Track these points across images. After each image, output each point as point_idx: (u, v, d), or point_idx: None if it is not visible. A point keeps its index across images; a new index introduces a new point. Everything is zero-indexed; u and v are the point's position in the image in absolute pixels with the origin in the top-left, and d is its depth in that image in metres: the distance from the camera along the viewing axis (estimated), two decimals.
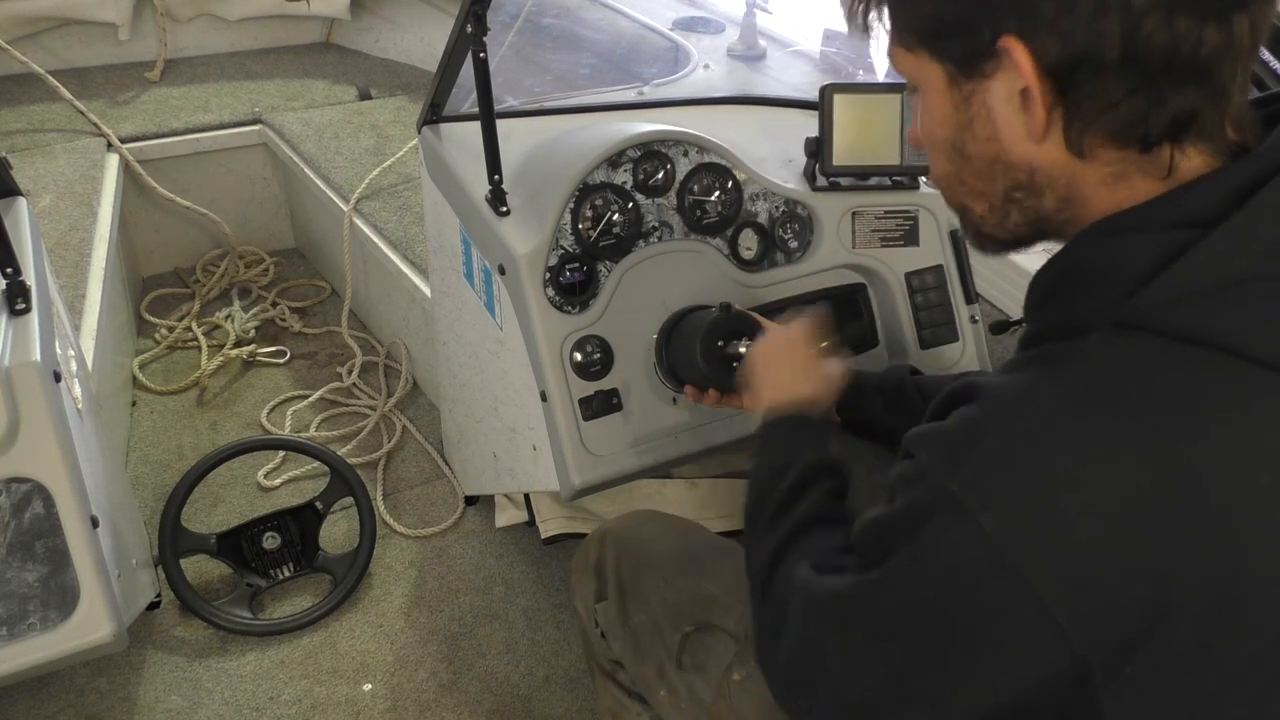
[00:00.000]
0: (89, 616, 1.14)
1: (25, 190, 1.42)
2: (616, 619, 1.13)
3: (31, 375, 1.08)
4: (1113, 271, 0.65)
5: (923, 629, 0.67)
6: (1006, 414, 0.64)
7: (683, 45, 2.35)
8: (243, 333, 2.48)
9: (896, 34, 0.72)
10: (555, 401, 1.24)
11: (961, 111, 0.70)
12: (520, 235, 1.28)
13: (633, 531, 1.19)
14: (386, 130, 2.63)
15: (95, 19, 2.85)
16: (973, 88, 0.68)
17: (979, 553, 0.61)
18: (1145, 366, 0.60)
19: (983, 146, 0.70)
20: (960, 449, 0.64)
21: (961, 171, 0.73)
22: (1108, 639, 0.59)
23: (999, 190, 0.72)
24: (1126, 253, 0.64)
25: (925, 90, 0.72)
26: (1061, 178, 0.68)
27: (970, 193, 0.74)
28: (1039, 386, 0.63)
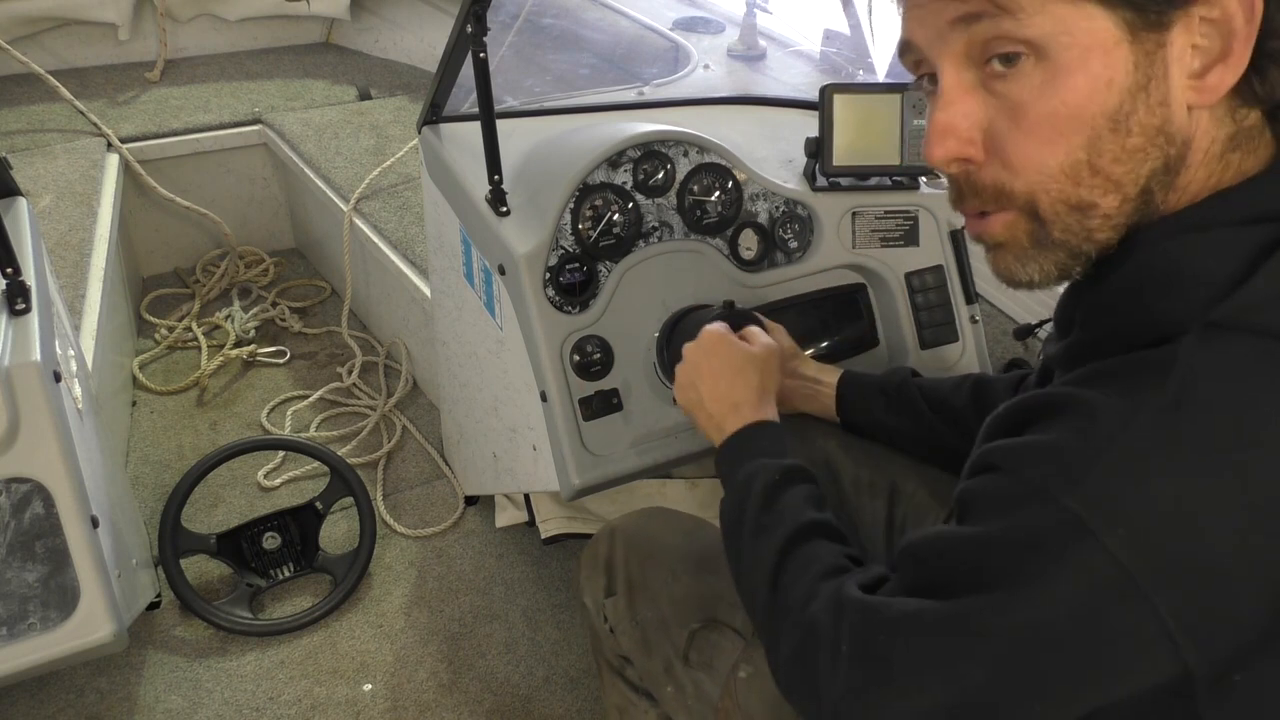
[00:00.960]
0: (89, 616, 1.14)
1: (25, 190, 1.42)
2: (625, 614, 1.13)
3: (31, 375, 1.08)
4: (1198, 272, 0.59)
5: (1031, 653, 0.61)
6: (1118, 428, 0.58)
7: (683, 45, 2.35)
8: (243, 333, 2.48)
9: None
10: (555, 401, 1.24)
11: (1141, 71, 0.59)
12: (520, 235, 1.28)
13: (641, 528, 1.19)
14: (386, 130, 2.63)
15: (95, 19, 2.85)
16: (1156, 41, 0.58)
17: (1104, 573, 0.57)
18: (1253, 369, 0.56)
19: (1153, 114, 0.60)
20: (1076, 466, 0.59)
21: (1103, 156, 0.61)
22: (1220, 651, 0.57)
23: (1144, 174, 0.62)
24: (1211, 251, 0.59)
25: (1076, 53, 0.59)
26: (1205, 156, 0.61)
27: (1102, 184, 0.62)
28: (1144, 397, 0.58)
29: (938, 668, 0.64)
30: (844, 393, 1.22)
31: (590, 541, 1.23)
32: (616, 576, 1.16)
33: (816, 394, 1.23)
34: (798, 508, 0.88)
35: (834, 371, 1.24)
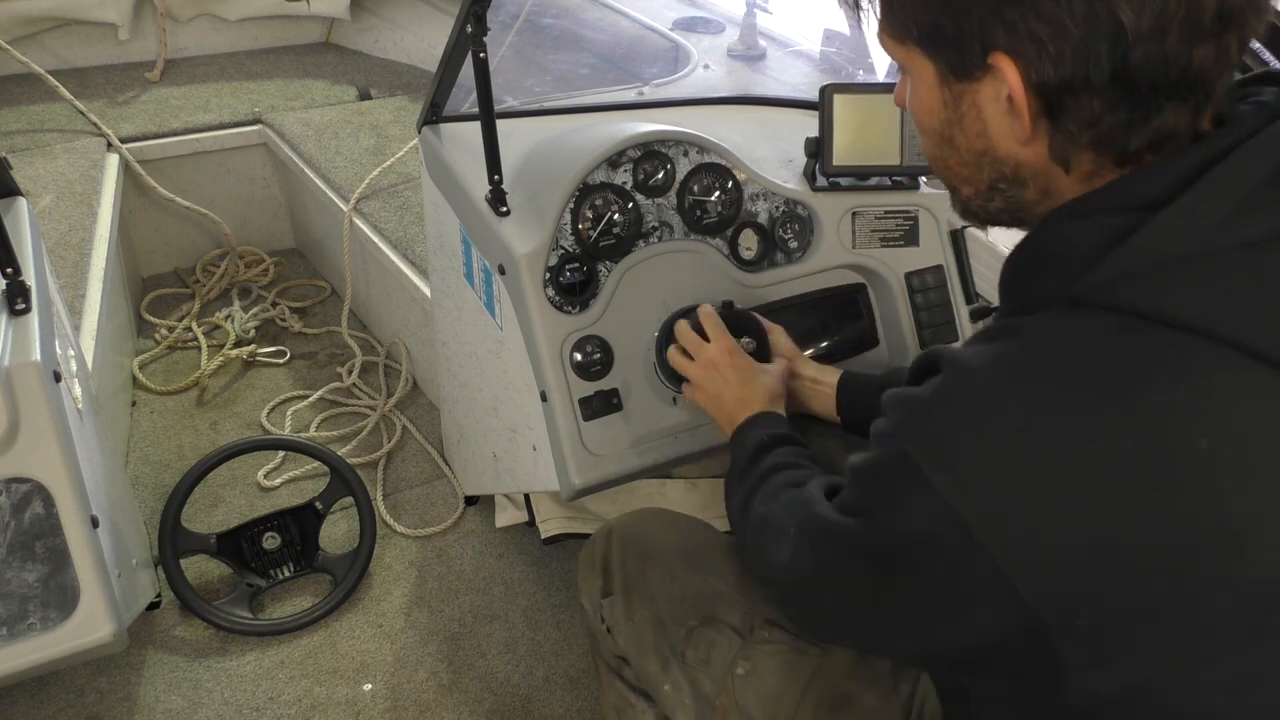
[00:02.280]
0: (89, 616, 1.14)
1: (25, 190, 1.42)
2: (622, 614, 1.14)
3: (31, 375, 1.08)
4: (1068, 252, 0.68)
5: (891, 576, 0.72)
6: (962, 381, 0.67)
7: (683, 45, 2.35)
8: (243, 333, 2.48)
9: (888, 25, 0.73)
10: (555, 401, 1.24)
11: (951, 108, 0.72)
12: (520, 235, 1.28)
13: (638, 528, 1.20)
14: (386, 130, 2.63)
15: (95, 19, 2.85)
16: (963, 89, 0.70)
17: (933, 512, 0.65)
18: (1092, 338, 0.64)
19: (971, 141, 0.73)
20: (919, 413, 0.68)
21: (950, 158, 0.76)
22: (1057, 593, 0.62)
23: (985, 179, 0.75)
24: (1080, 234, 0.68)
25: (915, 80, 0.74)
26: (1043, 175, 0.71)
27: (958, 177, 0.77)
28: (994, 356, 0.67)
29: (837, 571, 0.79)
30: (844, 393, 1.22)
31: (588, 542, 1.23)
32: (614, 576, 1.17)
33: (816, 394, 1.24)
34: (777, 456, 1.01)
35: (834, 372, 1.24)
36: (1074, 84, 0.64)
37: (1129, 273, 0.63)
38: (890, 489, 0.71)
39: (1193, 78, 0.63)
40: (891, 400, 0.72)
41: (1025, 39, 0.63)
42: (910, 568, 0.70)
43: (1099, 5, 0.61)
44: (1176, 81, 0.63)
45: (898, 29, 0.73)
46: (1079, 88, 0.64)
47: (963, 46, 0.67)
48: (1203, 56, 0.62)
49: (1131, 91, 0.63)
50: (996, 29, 0.64)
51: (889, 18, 0.73)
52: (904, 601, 0.73)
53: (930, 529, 0.66)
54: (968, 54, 0.67)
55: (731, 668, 1.03)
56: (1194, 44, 0.62)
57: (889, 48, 0.75)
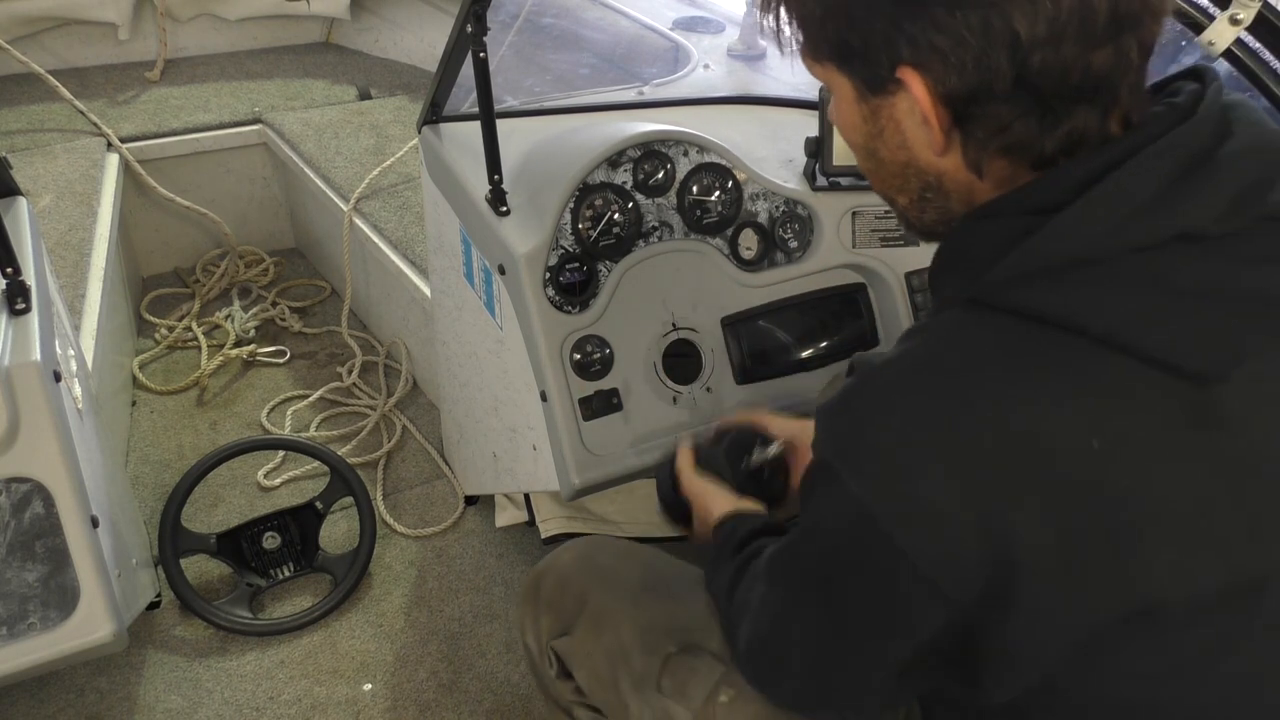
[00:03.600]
0: (89, 616, 1.14)
1: (25, 190, 1.42)
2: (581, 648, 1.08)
3: (31, 375, 1.08)
4: (969, 254, 0.71)
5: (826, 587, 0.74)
6: (864, 384, 0.69)
7: (683, 45, 2.35)
8: (243, 333, 2.48)
9: (804, 46, 0.75)
10: (555, 401, 1.24)
11: (870, 123, 0.74)
12: (520, 235, 1.28)
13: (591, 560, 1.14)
14: (386, 130, 2.63)
15: (95, 19, 2.85)
16: (879, 103, 0.72)
17: (852, 516, 0.67)
18: (985, 338, 0.66)
19: (894, 153, 0.75)
20: (833, 420, 0.70)
21: (878, 170, 0.78)
22: (970, 588, 0.63)
23: (913, 189, 0.76)
24: (980, 237, 0.70)
25: (837, 97, 0.76)
26: (965, 184, 0.73)
27: (890, 188, 0.79)
28: (896, 360, 0.68)
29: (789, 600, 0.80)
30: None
31: (529, 579, 1.17)
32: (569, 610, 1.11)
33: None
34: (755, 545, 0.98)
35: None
36: (978, 93, 0.65)
37: (1022, 274, 0.65)
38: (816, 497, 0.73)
39: (1095, 81, 0.65)
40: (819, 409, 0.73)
41: (928, 51, 0.65)
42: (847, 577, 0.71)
43: (993, 15, 0.62)
44: (1079, 85, 0.64)
45: (812, 47, 0.74)
46: (984, 96, 0.65)
47: (871, 61, 0.69)
48: (1101, 60, 0.64)
49: (1036, 97, 0.65)
50: (900, 43, 0.66)
51: (804, 37, 0.74)
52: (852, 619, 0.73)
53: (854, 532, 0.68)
54: (876, 68, 0.69)
55: (714, 695, 0.99)
56: (1090, 48, 0.63)
57: (810, 68, 0.76)
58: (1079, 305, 0.63)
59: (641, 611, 1.06)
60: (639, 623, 1.06)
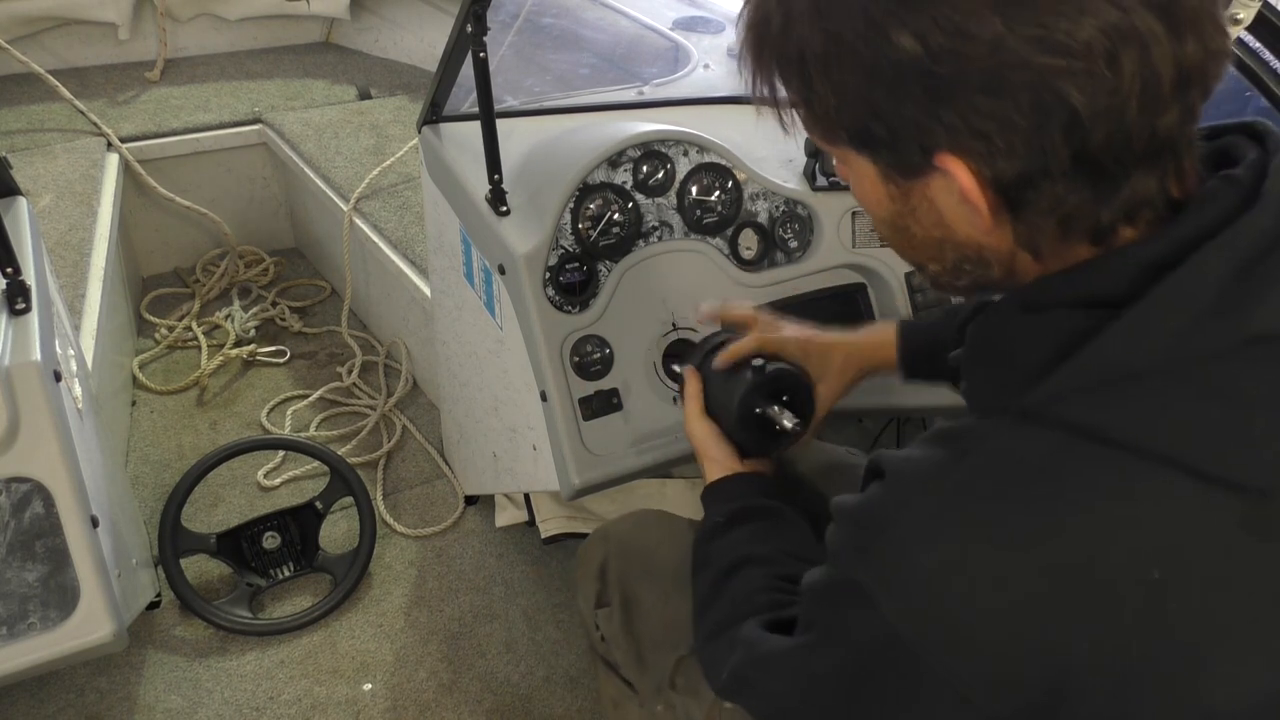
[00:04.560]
0: (89, 616, 1.14)
1: (25, 190, 1.42)
2: (619, 629, 1.12)
3: (31, 375, 1.08)
4: (1017, 354, 0.64)
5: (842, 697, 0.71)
6: (906, 502, 0.64)
7: (683, 45, 2.35)
8: (243, 332, 2.48)
9: (814, 131, 0.68)
10: (555, 401, 1.24)
11: (900, 202, 0.67)
12: (520, 235, 1.28)
13: (637, 538, 1.17)
14: (386, 130, 2.63)
15: (95, 19, 2.85)
16: (910, 185, 0.65)
17: (884, 638, 0.64)
18: (1037, 458, 0.60)
19: (928, 230, 0.68)
20: (864, 536, 0.65)
21: (907, 244, 0.71)
22: (1011, 709, 0.61)
23: (949, 259, 0.70)
24: (1033, 334, 0.64)
25: (856, 174, 0.69)
26: (1008, 254, 0.66)
27: (921, 256, 0.72)
28: (937, 474, 0.63)
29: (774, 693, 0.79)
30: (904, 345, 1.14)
31: (584, 544, 1.22)
32: (610, 588, 1.15)
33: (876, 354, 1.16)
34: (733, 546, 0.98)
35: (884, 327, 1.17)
36: (1032, 174, 0.59)
37: (1080, 389, 0.60)
38: (840, 610, 0.69)
39: (1160, 144, 0.59)
40: (839, 512, 0.69)
41: (969, 136, 0.58)
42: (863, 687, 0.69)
43: (1045, 93, 0.56)
44: (1144, 151, 0.59)
45: (825, 133, 0.67)
46: (1038, 176, 0.59)
47: (900, 149, 0.62)
48: (1167, 123, 0.58)
49: (1096, 170, 0.59)
50: (936, 130, 0.59)
51: (815, 123, 0.67)
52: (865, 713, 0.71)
53: (882, 651, 0.65)
54: (907, 155, 0.62)
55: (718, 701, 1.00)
56: (1156, 115, 0.57)
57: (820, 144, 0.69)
58: (1140, 425, 0.58)
59: (668, 607, 1.09)
60: (664, 618, 1.08)
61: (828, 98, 0.63)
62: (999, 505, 0.60)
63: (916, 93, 0.58)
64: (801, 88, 0.64)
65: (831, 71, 0.61)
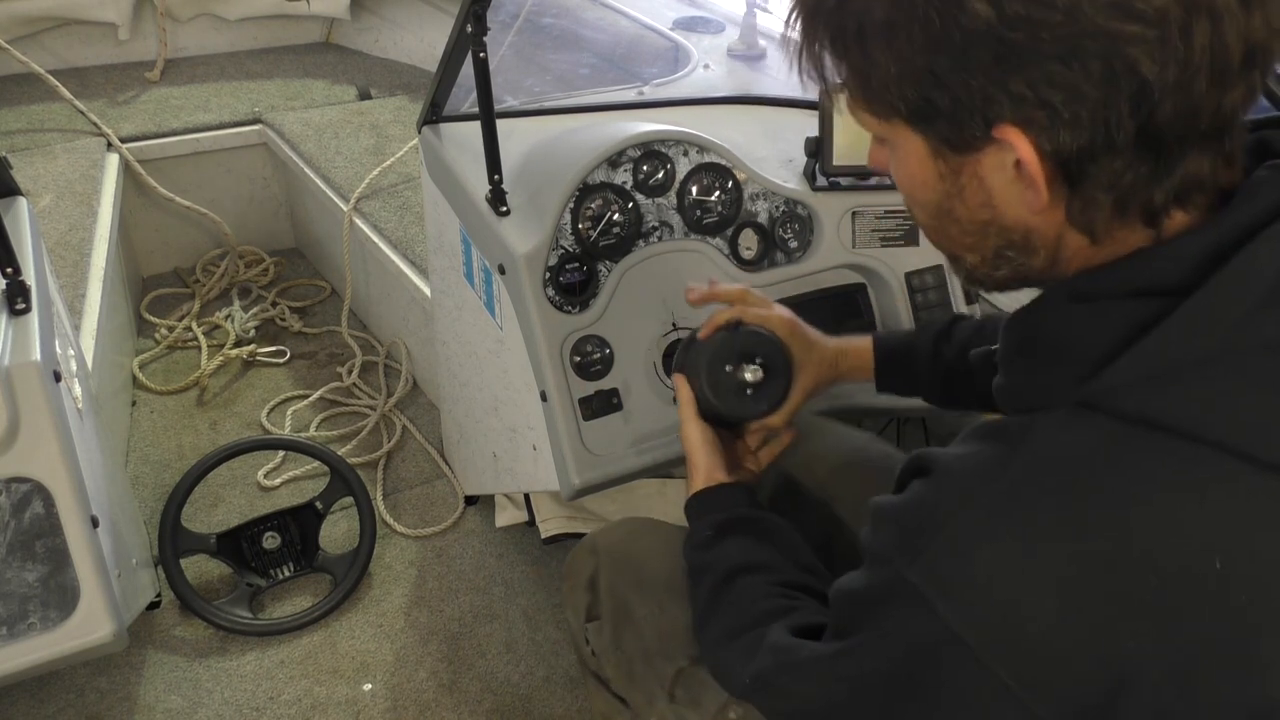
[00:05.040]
0: (89, 616, 1.14)
1: (25, 190, 1.42)
2: (610, 643, 1.09)
3: (31, 375, 1.08)
4: (1075, 346, 0.63)
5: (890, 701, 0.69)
6: (960, 499, 0.63)
7: (683, 45, 2.35)
8: (243, 333, 2.48)
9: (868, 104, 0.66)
10: (555, 401, 1.24)
11: (949, 181, 0.66)
12: (520, 235, 1.28)
13: (627, 548, 1.14)
14: (386, 130, 2.63)
15: (95, 19, 2.85)
16: (961, 161, 0.64)
17: (937, 638, 0.62)
18: (1100, 451, 0.59)
19: (975, 212, 0.67)
20: (915, 536, 0.64)
21: (949, 229, 0.70)
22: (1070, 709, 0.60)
23: (990, 247, 0.68)
24: (1089, 325, 0.63)
25: (903, 154, 0.68)
26: (1054, 241, 0.65)
27: (960, 246, 0.71)
28: (993, 470, 0.62)
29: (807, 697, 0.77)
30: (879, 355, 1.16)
31: (571, 555, 1.18)
32: (601, 601, 1.11)
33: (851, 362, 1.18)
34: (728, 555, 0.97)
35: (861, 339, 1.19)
36: (1095, 148, 0.58)
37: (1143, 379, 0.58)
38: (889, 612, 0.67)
39: (1222, 122, 0.58)
40: (881, 514, 0.68)
41: (1035, 107, 0.57)
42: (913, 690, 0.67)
43: (1117, 62, 0.55)
44: (1206, 129, 0.58)
45: (880, 107, 0.65)
46: (1101, 150, 0.58)
47: (960, 121, 0.61)
48: (1233, 100, 0.57)
49: (1156, 146, 0.58)
50: (1002, 101, 0.58)
51: (869, 96, 0.65)
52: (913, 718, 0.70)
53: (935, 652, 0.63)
54: (967, 129, 0.61)
55: (723, 711, 0.98)
56: (1224, 90, 0.57)
57: (866, 123, 0.68)
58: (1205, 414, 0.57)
59: (664, 617, 1.06)
60: (660, 629, 1.05)
61: (888, 68, 0.61)
62: (1059, 500, 0.59)
63: (985, 61, 0.57)
64: (859, 59, 0.63)
65: (895, 40, 0.60)
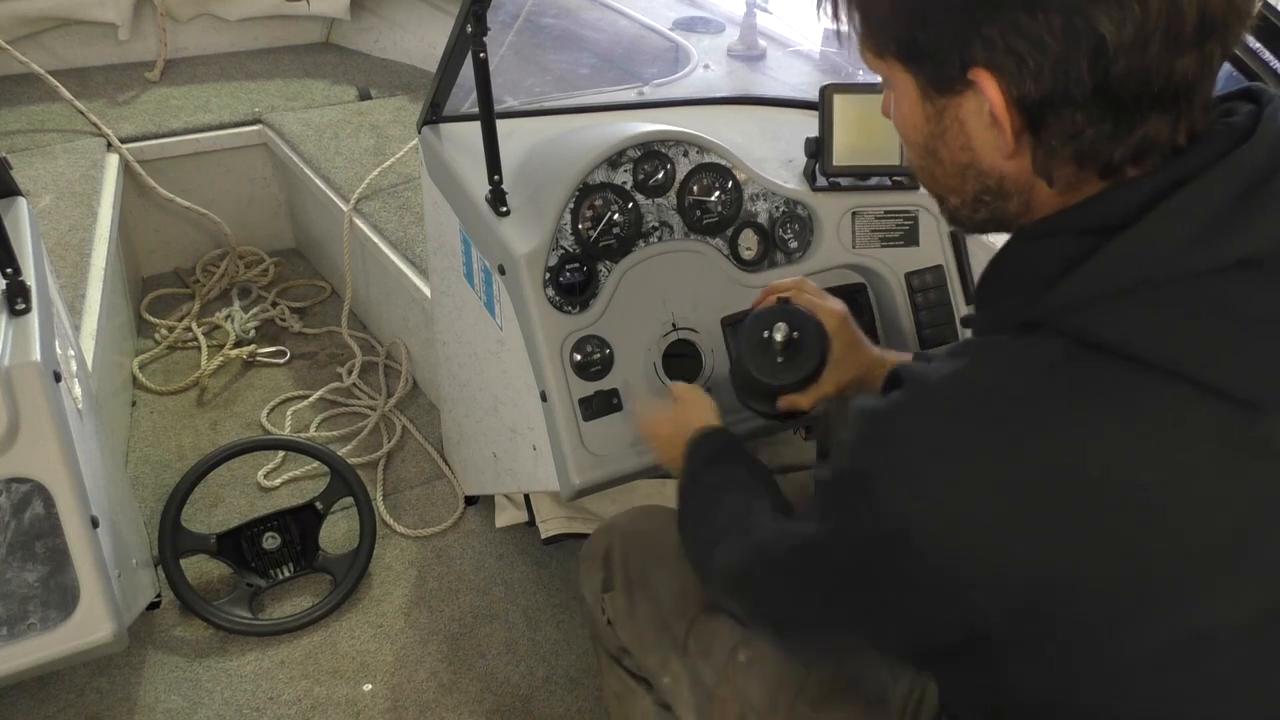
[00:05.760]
0: (89, 616, 1.14)
1: (25, 190, 1.42)
2: (624, 609, 1.16)
3: (31, 375, 1.08)
4: (1026, 274, 0.69)
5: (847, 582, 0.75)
6: (917, 401, 0.68)
7: (683, 45, 2.35)
8: (243, 333, 2.48)
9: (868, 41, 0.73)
10: (555, 401, 1.24)
11: (934, 122, 0.72)
12: (520, 235, 1.28)
13: (640, 526, 1.22)
14: (386, 130, 2.63)
15: (95, 19, 2.85)
16: (945, 103, 0.70)
17: (887, 525, 0.67)
18: (1041, 366, 0.64)
19: (955, 154, 0.73)
20: (876, 429, 0.70)
21: (934, 169, 0.76)
22: (1001, 605, 0.64)
23: (970, 190, 0.74)
24: (1038, 256, 0.69)
25: (898, 94, 0.74)
26: (1026, 188, 0.71)
27: (944, 188, 0.77)
28: (948, 379, 0.67)
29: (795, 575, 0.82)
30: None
31: (590, 537, 1.25)
32: (616, 573, 1.18)
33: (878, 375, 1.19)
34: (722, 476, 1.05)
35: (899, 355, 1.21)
36: (1055, 98, 0.63)
37: (1082, 299, 0.63)
38: (844, 499, 0.72)
39: (1175, 88, 0.62)
40: (856, 412, 0.73)
41: (1003, 54, 0.63)
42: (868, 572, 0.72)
43: (1078, 19, 0.60)
44: (1159, 92, 0.62)
45: (877, 44, 0.72)
46: (1060, 102, 0.63)
47: (941, 60, 0.67)
48: (1185, 66, 0.62)
49: (1114, 104, 0.63)
50: (975, 44, 0.64)
51: (869, 34, 0.72)
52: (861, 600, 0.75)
53: (879, 539, 0.68)
54: (946, 68, 0.67)
55: (733, 655, 1.05)
56: (1176, 54, 0.61)
57: (870, 63, 0.75)
58: (1140, 333, 0.62)
59: (675, 578, 1.13)
60: (672, 589, 1.13)
61: (883, 6, 0.70)
62: (1002, 409, 0.64)
63: (966, 4, 0.63)
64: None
65: None
